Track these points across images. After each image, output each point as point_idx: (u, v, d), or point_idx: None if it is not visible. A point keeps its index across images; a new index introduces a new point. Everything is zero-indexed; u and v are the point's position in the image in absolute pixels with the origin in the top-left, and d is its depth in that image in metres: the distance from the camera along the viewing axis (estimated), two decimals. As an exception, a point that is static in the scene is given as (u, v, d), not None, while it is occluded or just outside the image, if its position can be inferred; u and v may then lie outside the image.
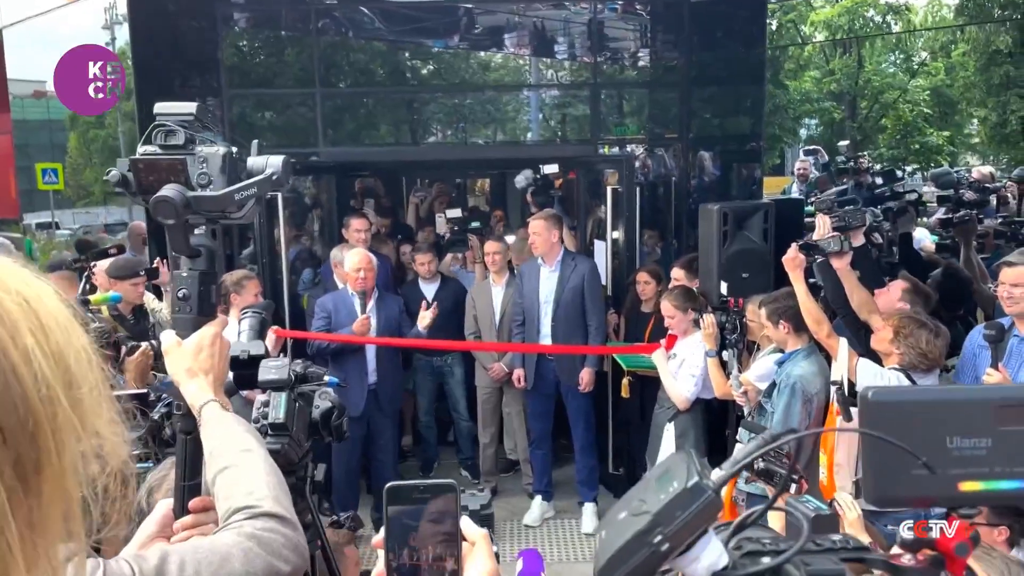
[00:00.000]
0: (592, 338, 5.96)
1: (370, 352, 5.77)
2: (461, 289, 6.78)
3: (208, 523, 1.58)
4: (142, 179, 1.53)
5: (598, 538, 0.73)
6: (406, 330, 5.90)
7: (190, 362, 1.61)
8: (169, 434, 2.61)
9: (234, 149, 1.56)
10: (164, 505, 1.63)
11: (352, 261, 5.70)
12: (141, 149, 1.55)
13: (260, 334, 2.39)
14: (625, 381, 5.96)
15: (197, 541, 1.38)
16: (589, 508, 6.26)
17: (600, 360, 6.18)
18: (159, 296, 5.90)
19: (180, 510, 1.61)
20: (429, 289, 6.63)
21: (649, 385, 5.90)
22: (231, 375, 1.98)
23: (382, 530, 1.07)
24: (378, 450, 5.93)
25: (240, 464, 1.48)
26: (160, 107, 1.56)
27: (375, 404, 5.80)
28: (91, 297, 4.29)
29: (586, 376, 6.01)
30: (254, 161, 1.59)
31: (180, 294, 1.63)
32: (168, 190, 1.48)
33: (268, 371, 2.34)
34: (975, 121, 23.29)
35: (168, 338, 1.64)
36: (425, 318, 5.67)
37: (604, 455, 6.60)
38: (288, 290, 6.75)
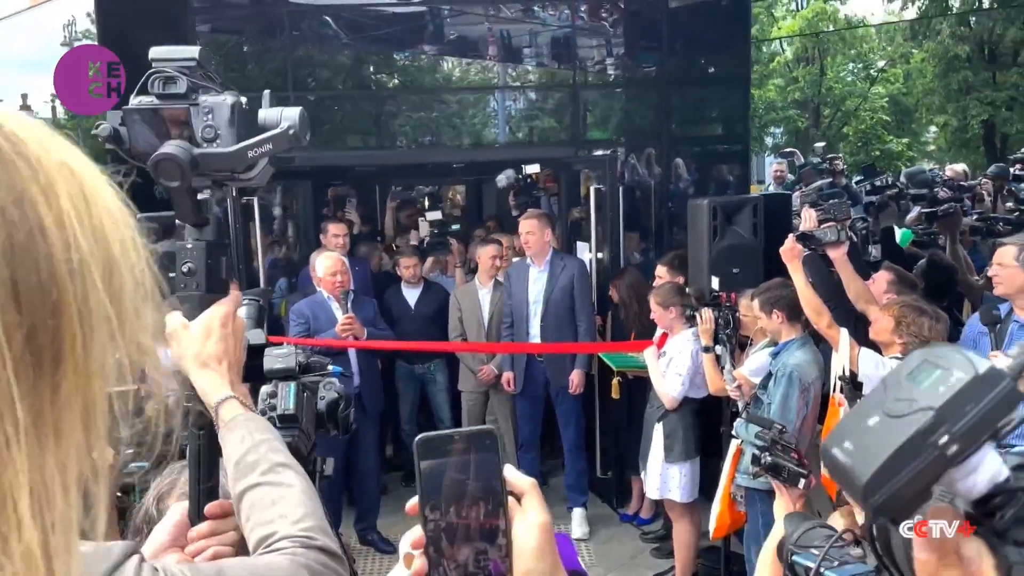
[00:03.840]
0: (582, 338, 5.88)
1: (352, 355, 5.65)
2: (444, 293, 6.67)
3: (227, 531, 1.41)
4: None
5: (841, 451, 0.59)
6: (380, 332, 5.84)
7: (198, 348, 1.37)
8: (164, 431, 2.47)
9: (243, 99, 1.37)
10: (178, 510, 1.46)
11: (325, 265, 5.63)
12: (135, 100, 1.34)
13: (258, 322, 2.26)
14: (615, 382, 5.88)
15: (251, 561, 1.22)
16: (578, 513, 6.15)
17: (589, 362, 6.10)
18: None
19: (196, 516, 1.43)
20: (412, 294, 6.51)
21: (636, 387, 5.84)
22: None
23: (415, 497, 0.94)
24: (362, 456, 5.80)
25: (278, 483, 1.29)
26: (156, 52, 1.36)
27: (360, 408, 5.66)
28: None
29: (576, 378, 5.91)
30: (267, 114, 1.38)
31: (185, 268, 1.41)
32: (171, 147, 1.29)
33: (275, 360, 2.20)
34: (932, 129, 23.75)
35: (173, 320, 1.41)
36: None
37: (592, 459, 6.51)
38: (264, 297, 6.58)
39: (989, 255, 4.55)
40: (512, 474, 0.96)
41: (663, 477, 5.32)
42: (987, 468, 0.58)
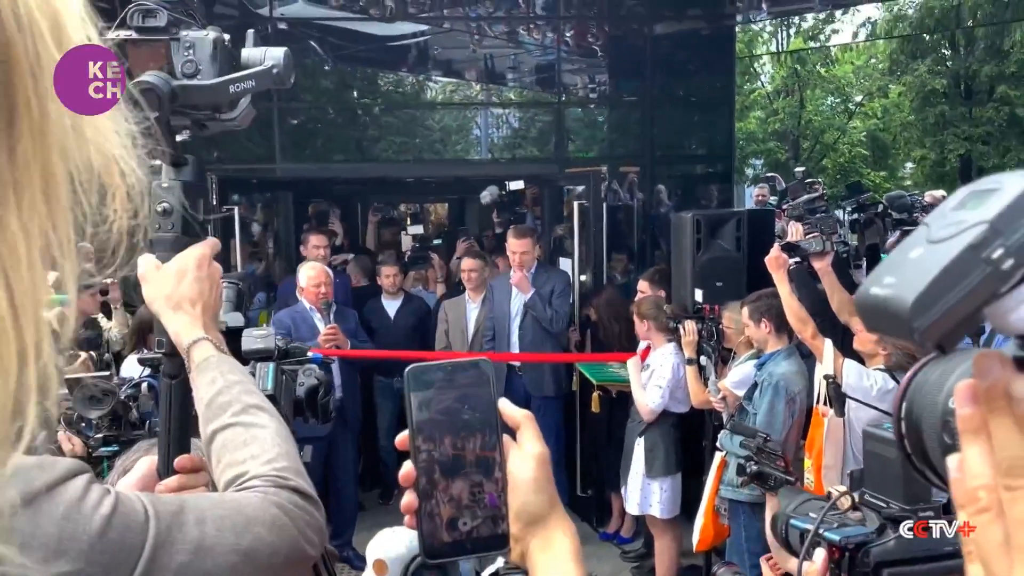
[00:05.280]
0: (556, 311, 5.89)
1: (334, 367, 5.57)
2: (424, 306, 6.61)
3: (198, 486, 1.35)
4: None
5: (880, 287, 0.52)
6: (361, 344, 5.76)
7: (171, 289, 1.31)
8: (136, 416, 2.40)
9: (226, 36, 1.33)
10: (146, 463, 1.40)
11: (309, 276, 5.57)
12: (113, 33, 1.29)
13: (237, 305, 2.21)
14: (595, 396, 5.82)
15: (218, 496, 1.16)
16: (558, 531, 6.06)
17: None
18: (108, 315, 5.65)
19: (165, 470, 1.37)
20: (392, 305, 6.45)
21: (617, 404, 5.79)
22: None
23: (404, 432, 0.89)
24: (340, 469, 5.70)
25: (249, 424, 1.23)
26: None
27: (341, 422, 5.57)
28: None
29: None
30: (250, 53, 1.35)
31: (160, 208, 1.34)
32: (150, 76, 1.24)
33: (253, 340, 2.14)
34: (908, 164, 24.11)
35: (146, 262, 1.35)
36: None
37: (572, 477, 6.43)
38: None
39: None
40: (507, 406, 0.92)
41: (643, 492, 5.26)
42: None
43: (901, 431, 0.67)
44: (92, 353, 4.37)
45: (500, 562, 1.00)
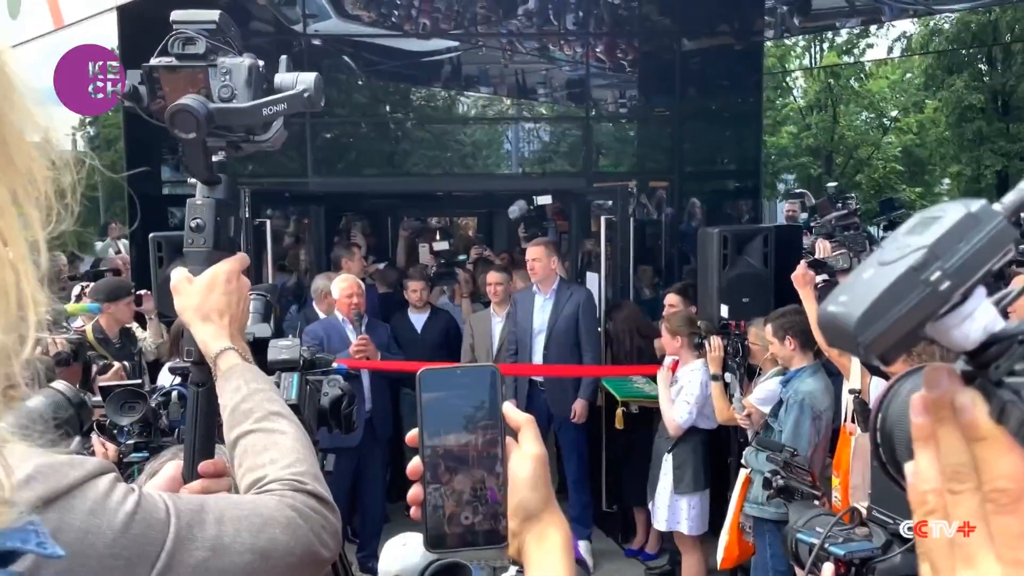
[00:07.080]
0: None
1: (364, 380, 5.62)
2: (451, 321, 6.65)
3: (221, 490, 1.42)
4: (157, 91, 1.38)
5: (835, 305, 0.56)
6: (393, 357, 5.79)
7: (201, 301, 1.39)
8: (166, 423, 2.47)
9: (261, 63, 1.41)
10: (172, 467, 1.46)
11: (341, 287, 5.63)
12: (155, 60, 1.39)
13: (265, 317, 2.27)
14: (619, 412, 5.81)
15: (236, 497, 1.22)
16: (583, 546, 6.05)
17: (594, 392, 6.05)
18: (143, 325, 5.77)
19: (190, 473, 1.43)
20: (418, 319, 6.50)
21: (640, 419, 5.78)
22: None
23: (414, 430, 0.95)
24: (369, 481, 5.73)
25: (270, 430, 1.29)
26: (177, 15, 1.41)
27: (370, 434, 5.62)
28: (67, 306, 4.14)
29: (579, 407, 5.85)
30: (283, 78, 1.43)
31: (193, 224, 1.43)
32: (188, 99, 1.32)
33: (279, 351, 2.21)
34: (945, 181, 23.82)
35: (178, 274, 1.43)
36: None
37: (597, 493, 6.42)
38: (275, 322, 6.60)
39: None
40: (510, 410, 0.98)
41: (672, 509, 5.24)
42: (982, 315, 0.56)
43: (877, 441, 0.71)
44: (126, 363, 4.48)
45: (513, 570, 1.02)
